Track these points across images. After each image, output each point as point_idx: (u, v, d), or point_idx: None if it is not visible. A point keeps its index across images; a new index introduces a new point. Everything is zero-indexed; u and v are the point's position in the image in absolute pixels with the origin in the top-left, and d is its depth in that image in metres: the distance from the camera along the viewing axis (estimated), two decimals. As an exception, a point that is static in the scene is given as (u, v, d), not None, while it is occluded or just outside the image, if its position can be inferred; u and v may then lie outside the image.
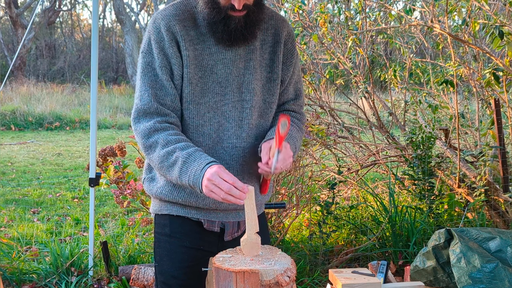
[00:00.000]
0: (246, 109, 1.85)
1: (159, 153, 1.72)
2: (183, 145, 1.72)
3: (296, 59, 1.97)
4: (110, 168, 3.70)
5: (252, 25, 1.79)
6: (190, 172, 1.67)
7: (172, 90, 1.78)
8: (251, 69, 1.85)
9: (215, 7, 1.75)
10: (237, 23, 1.76)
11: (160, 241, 1.92)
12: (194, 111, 1.81)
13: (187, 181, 1.68)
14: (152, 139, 1.74)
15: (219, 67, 1.81)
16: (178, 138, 1.74)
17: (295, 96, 2.01)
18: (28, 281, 3.70)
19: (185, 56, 1.78)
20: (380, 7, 4.80)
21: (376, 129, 4.91)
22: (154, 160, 1.75)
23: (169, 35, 1.77)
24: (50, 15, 22.15)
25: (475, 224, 3.96)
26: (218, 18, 1.76)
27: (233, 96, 1.84)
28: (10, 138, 10.99)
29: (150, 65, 1.79)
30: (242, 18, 1.76)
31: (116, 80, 21.27)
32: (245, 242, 1.69)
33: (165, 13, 1.80)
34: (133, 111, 1.80)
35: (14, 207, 5.76)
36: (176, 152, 1.70)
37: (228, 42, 1.79)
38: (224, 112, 1.83)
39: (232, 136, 1.84)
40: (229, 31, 1.77)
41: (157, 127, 1.75)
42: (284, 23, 1.94)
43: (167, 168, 1.72)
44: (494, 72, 3.61)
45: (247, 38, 1.80)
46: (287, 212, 4.11)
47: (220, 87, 1.82)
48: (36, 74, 19.76)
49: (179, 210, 1.88)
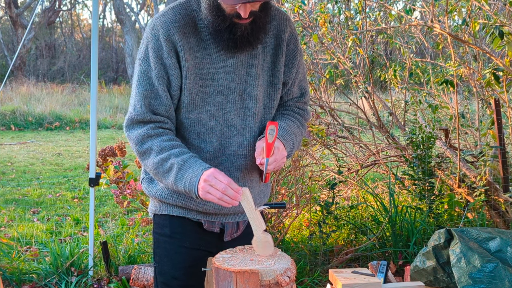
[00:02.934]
0: (249, 116, 1.82)
1: (154, 160, 1.71)
2: (177, 151, 1.70)
3: (299, 58, 1.92)
4: (110, 168, 3.70)
5: (258, 30, 1.73)
6: (185, 179, 1.66)
7: (168, 100, 1.75)
8: (253, 75, 1.81)
9: (219, 15, 1.68)
10: (243, 31, 1.70)
11: (160, 241, 1.91)
12: (196, 120, 1.78)
13: (183, 187, 1.67)
14: (146, 145, 1.73)
15: (220, 75, 1.77)
16: (172, 144, 1.72)
17: (300, 95, 1.98)
18: (28, 281, 3.70)
19: (184, 67, 1.73)
20: (380, 7, 4.80)
21: (376, 129, 4.91)
22: (149, 167, 1.74)
23: (168, 44, 1.71)
24: (50, 15, 22.14)
25: (475, 224, 3.96)
26: (223, 26, 1.69)
27: (235, 104, 1.80)
28: (10, 138, 10.99)
29: (146, 74, 1.74)
30: (248, 25, 1.70)
31: (116, 80, 21.25)
32: (255, 243, 1.68)
33: (164, 19, 1.73)
34: (126, 119, 1.77)
35: (14, 207, 5.76)
36: (171, 158, 1.68)
37: (234, 50, 1.74)
38: (226, 120, 1.80)
39: (234, 144, 1.82)
40: (234, 39, 1.71)
41: (150, 133, 1.73)
42: (287, 22, 1.87)
43: (162, 175, 1.71)
44: (494, 72, 3.61)
45: (253, 44, 1.75)
46: (287, 212, 4.11)
47: (222, 95, 1.78)
48: (36, 74, 19.75)
49: (179, 210, 1.87)
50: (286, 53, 1.87)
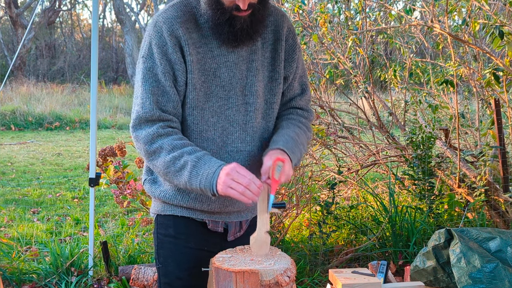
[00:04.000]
0: (250, 112, 1.81)
1: (165, 158, 1.68)
2: (190, 149, 1.68)
3: (298, 53, 1.92)
4: (110, 168, 3.70)
5: (258, 23, 1.74)
6: (201, 176, 1.63)
7: (175, 96, 1.73)
8: (253, 71, 1.81)
9: (219, 8, 1.69)
10: (243, 23, 1.71)
11: (164, 242, 1.89)
12: (198, 117, 1.77)
13: (198, 184, 1.64)
14: (156, 145, 1.70)
15: (222, 71, 1.77)
16: (183, 142, 1.70)
17: (301, 91, 1.97)
18: (28, 281, 3.70)
19: (189, 61, 1.73)
20: (380, 7, 4.80)
21: (376, 129, 4.91)
22: (159, 166, 1.71)
23: (173, 39, 1.71)
24: (50, 15, 22.14)
25: (475, 224, 3.96)
26: (222, 20, 1.70)
27: (237, 100, 1.80)
28: (10, 138, 10.99)
29: (152, 71, 1.72)
30: (248, 18, 1.71)
31: (116, 80, 21.25)
32: (254, 239, 1.68)
33: (167, 16, 1.73)
34: (134, 118, 1.74)
35: (14, 207, 5.76)
36: (184, 156, 1.66)
37: (234, 43, 1.75)
38: (228, 116, 1.79)
39: (237, 140, 1.81)
40: (234, 32, 1.71)
41: (160, 132, 1.70)
42: (284, 18, 1.88)
43: (174, 173, 1.68)
44: (494, 72, 3.61)
45: (252, 37, 1.76)
46: (287, 212, 4.11)
47: (224, 91, 1.78)
48: (36, 74, 19.75)
49: (183, 211, 1.86)
50: (285, 47, 1.87)
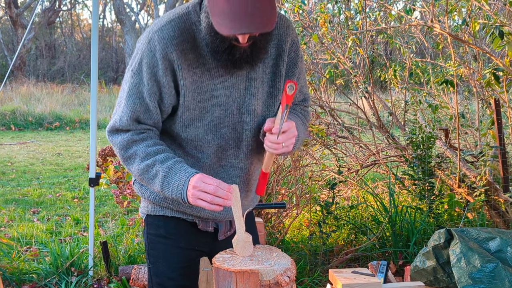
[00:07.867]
0: (246, 130, 1.79)
1: (139, 166, 1.69)
2: (163, 157, 1.68)
3: (300, 64, 1.87)
4: (110, 168, 3.70)
5: (259, 52, 1.67)
6: (172, 186, 1.64)
7: (157, 115, 1.72)
8: (252, 89, 1.76)
9: (218, 37, 1.61)
10: (243, 53, 1.64)
11: (154, 242, 1.89)
12: (192, 134, 1.76)
13: (170, 194, 1.66)
14: (130, 151, 1.70)
15: (219, 91, 1.72)
16: (157, 149, 1.69)
17: (303, 99, 1.97)
18: (28, 281, 3.70)
19: (182, 85, 1.68)
20: (380, 7, 4.80)
21: (376, 129, 4.91)
22: (134, 172, 1.72)
23: (165, 62, 1.65)
24: (50, 15, 22.15)
25: (475, 224, 3.96)
26: (221, 48, 1.63)
27: (233, 118, 1.76)
28: (10, 138, 10.99)
29: (138, 88, 1.69)
30: (248, 48, 1.64)
31: (116, 80, 21.25)
32: (236, 242, 1.68)
33: (163, 35, 1.66)
34: (110, 125, 1.75)
35: (14, 207, 5.76)
36: (156, 165, 1.66)
37: (233, 70, 1.70)
38: (223, 134, 1.77)
39: (231, 156, 1.80)
40: (233, 60, 1.65)
41: (135, 138, 1.71)
42: (288, 30, 1.80)
43: (148, 181, 1.70)
44: (494, 72, 3.61)
45: (252, 64, 1.70)
46: (287, 212, 4.11)
47: (220, 110, 1.74)
48: (36, 74, 19.77)
49: (173, 211, 1.86)
50: (287, 61, 1.83)
